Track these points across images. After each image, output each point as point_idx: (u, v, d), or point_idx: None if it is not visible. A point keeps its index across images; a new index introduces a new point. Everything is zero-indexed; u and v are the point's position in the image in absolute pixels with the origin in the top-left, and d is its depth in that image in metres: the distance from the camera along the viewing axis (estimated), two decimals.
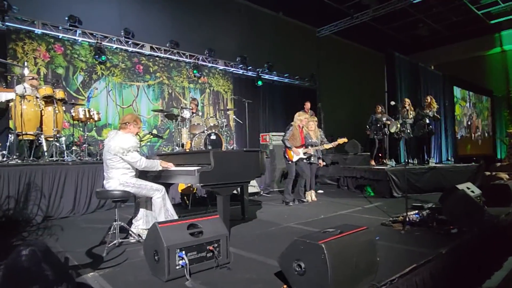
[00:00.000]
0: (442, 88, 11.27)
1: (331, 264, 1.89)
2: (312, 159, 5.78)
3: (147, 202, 3.54)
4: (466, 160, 9.43)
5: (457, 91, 12.35)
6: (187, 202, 5.44)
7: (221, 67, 9.68)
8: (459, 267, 2.96)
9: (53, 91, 5.19)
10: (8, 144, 4.77)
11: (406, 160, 4.97)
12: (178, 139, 6.74)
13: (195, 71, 8.93)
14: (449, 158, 9.34)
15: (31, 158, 4.86)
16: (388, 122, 7.19)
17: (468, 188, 4.34)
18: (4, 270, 1.23)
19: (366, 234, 2.27)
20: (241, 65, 9.91)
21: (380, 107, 7.56)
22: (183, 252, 2.37)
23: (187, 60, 8.92)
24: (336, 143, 5.89)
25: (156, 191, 3.33)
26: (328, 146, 5.89)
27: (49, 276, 1.25)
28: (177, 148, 6.65)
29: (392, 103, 7.05)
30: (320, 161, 6.23)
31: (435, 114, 7.49)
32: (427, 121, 7.31)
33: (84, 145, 5.77)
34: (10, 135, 4.83)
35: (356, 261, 2.08)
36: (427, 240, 3.21)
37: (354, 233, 2.20)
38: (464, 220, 3.52)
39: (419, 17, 12.17)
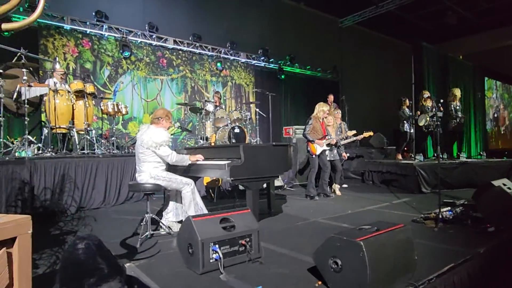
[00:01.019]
0: (473, 80, 10.79)
1: (369, 262, 1.86)
2: (333, 156, 5.70)
3: (177, 195, 3.60)
4: (498, 154, 9.05)
5: (484, 82, 11.78)
6: (212, 195, 5.50)
7: (243, 60, 9.66)
8: (497, 267, 2.86)
9: (84, 86, 5.33)
10: (42, 137, 4.95)
11: (437, 154, 4.80)
12: (202, 132, 6.80)
13: (218, 64, 8.95)
14: (480, 153, 8.97)
15: (64, 151, 5.04)
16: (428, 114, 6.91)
17: (504, 185, 4.15)
18: (62, 263, 1.29)
19: (403, 231, 2.22)
20: (262, 58, 9.86)
21: (408, 100, 7.34)
22: (217, 245, 2.40)
23: (210, 53, 8.95)
24: (361, 136, 5.79)
25: (186, 185, 3.38)
26: (351, 133, 5.77)
27: (104, 269, 1.30)
28: (201, 141, 6.72)
29: (426, 95, 6.78)
30: (344, 153, 6.14)
31: (459, 113, 7.19)
32: (459, 114, 7.03)
33: (112, 138, 5.92)
34: (44, 129, 5.01)
35: (394, 260, 2.04)
36: (462, 239, 3.11)
37: (391, 231, 2.15)
38: (501, 218, 3.38)
39: (448, 5, 11.63)
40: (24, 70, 4.54)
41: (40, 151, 4.79)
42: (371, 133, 5.79)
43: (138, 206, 5.04)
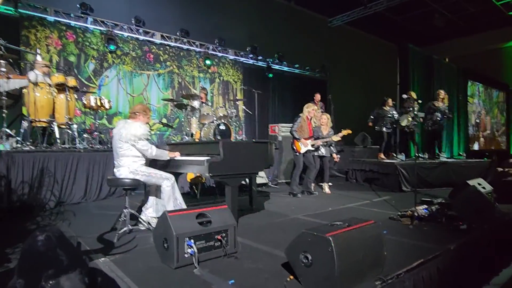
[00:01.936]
0: (457, 82, 11.02)
1: (338, 257, 1.90)
2: (323, 152, 5.77)
3: (157, 191, 3.59)
4: (478, 155, 9.27)
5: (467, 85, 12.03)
6: (196, 191, 5.50)
7: (231, 57, 9.63)
8: (467, 263, 2.94)
9: (65, 79, 5.25)
10: (22, 130, 4.86)
11: (417, 154, 4.90)
12: (188, 129, 6.77)
13: (206, 61, 8.90)
14: (460, 153, 9.18)
15: (44, 144, 4.96)
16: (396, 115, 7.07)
17: (479, 184, 4.28)
18: (21, 254, 1.28)
19: (373, 228, 2.28)
20: (251, 55, 9.84)
21: (391, 100, 7.44)
22: (192, 240, 2.41)
23: (197, 49, 8.90)
24: (340, 134, 5.85)
25: (166, 180, 3.37)
26: (336, 138, 5.84)
27: (63, 260, 1.30)
28: (186, 137, 6.68)
29: (404, 96, 6.93)
30: (335, 155, 6.21)
31: (447, 112, 7.32)
32: (439, 116, 7.16)
33: (96, 133, 5.85)
34: (23, 122, 4.92)
35: (363, 255, 2.08)
36: (435, 236, 3.20)
37: (361, 227, 2.20)
38: (474, 217, 3.48)
39: (435, 8, 11.83)
40: (2, 61, 4.44)
41: (19, 145, 4.70)
42: (349, 131, 5.82)
43: (120, 201, 4.97)
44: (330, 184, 6.72)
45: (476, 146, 11.87)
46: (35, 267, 1.26)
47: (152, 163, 3.68)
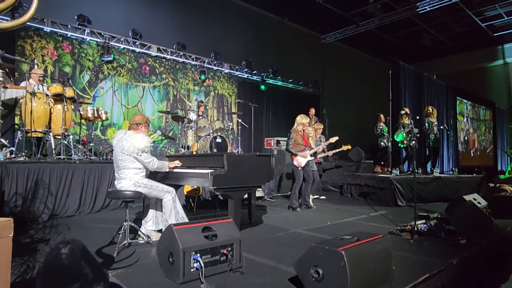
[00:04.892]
0: (446, 98, 11.32)
1: (350, 272, 1.89)
2: (314, 166, 5.83)
3: (157, 204, 3.54)
4: (469, 170, 9.47)
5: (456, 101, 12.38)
6: (192, 204, 5.43)
7: (226, 71, 9.72)
8: (468, 277, 2.97)
9: (63, 89, 5.19)
10: (16, 140, 4.75)
11: (413, 169, 4.98)
12: (184, 141, 6.74)
13: (202, 76, 8.95)
14: (452, 169, 9.36)
15: (39, 155, 4.85)
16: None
17: (475, 199, 4.36)
18: (44, 268, 1.23)
19: (382, 242, 2.28)
20: (246, 69, 9.95)
21: (383, 116, 7.64)
22: (198, 255, 2.37)
23: (193, 62, 8.96)
24: (339, 149, 5.90)
25: (167, 193, 3.33)
26: (333, 139, 5.84)
27: (88, 274, 1.26)
28: (182, 150, 6.65)
29: (402, 112, 7.10)
30: (318, 156, 6.27)
31: (444, 125, 7.51)
32: (435, 130, 7.33)
33: (91, 144, 5.76)
34: (18, 132, 4.82)
35: (373, 269, 2.08)
36: (437, 250, 3.22)
37: (371, 241, 2.20)
38: (472, 231, 3.53)
39: (423, 27, 12.27)
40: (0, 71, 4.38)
41: (13, 155, 4.59)
42: (349, 147, 5.93)
43: (114, 215, 4.89)
44: (323, 197, 6.77)
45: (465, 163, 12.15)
46: (59, 280, 1.21)
47: (151, 175, 3.64)
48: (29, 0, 5.25)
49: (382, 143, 7.48)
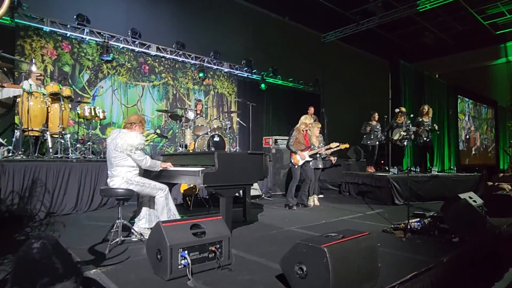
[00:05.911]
0: (447, 98, 11.26)
1: (333, 268, 1.90)
2: (319, 164, 5.84)
3: (150, 201, 3.56)
4: (469, 169, 9.41)
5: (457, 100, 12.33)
6: (189, 203, 5.45)
7: (226, 70, 9.73)
8: (459, 276, 2.96)
9: (60, 89, 5.24)
10: (14, 139, 4.81)
11: (409, 168, 4.97)
12: (182, 140, 6.77)
13: (200, 74, 8.96)
14: (451, 167, 9.31)
15: (36, 154, 4.90)
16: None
17: (470, 198, 4.35)
18: (16, 262, 1.25)
19: (367, 239, 2.28)
20: (246, 68, 9.96)
21: (377, 115, 7.64)
22: (186, 251, 2.38)
23: (193, 61, 8.98)
24: (338, 148, 5.89)
25: (160, 190, 3.35)
26: (334, 145, 5.86)
27: (59, 269, 1.27)
28: (180, 148, 6.68)
29: (397, 110, 7.07)
30: (332, 157, 6.31)
31: (434, 125, 7.47)
32: (426, 129, 7.31)
33: (88, 143, 5.80)
34: (16, 131, 4.87)
35: (357, 266, 2.09)
36: (428, 248, 3.22)
37: (355, 238, 2.21)
38: (466, 230, 3.52)
39: (425, 26, 12.19)
40: None
41: (10, 154, 4.64)
42: (347, 145, 5.91)
43: (111, 213, 4.92)
44: (321, 196, 6.75)
45: (466, 161, 12.09)
46: (30, 275, 1.23)
47: (145, 173, 3.66)
48: (29, 0, 5.26)
49: (368, 142, 7.48)
